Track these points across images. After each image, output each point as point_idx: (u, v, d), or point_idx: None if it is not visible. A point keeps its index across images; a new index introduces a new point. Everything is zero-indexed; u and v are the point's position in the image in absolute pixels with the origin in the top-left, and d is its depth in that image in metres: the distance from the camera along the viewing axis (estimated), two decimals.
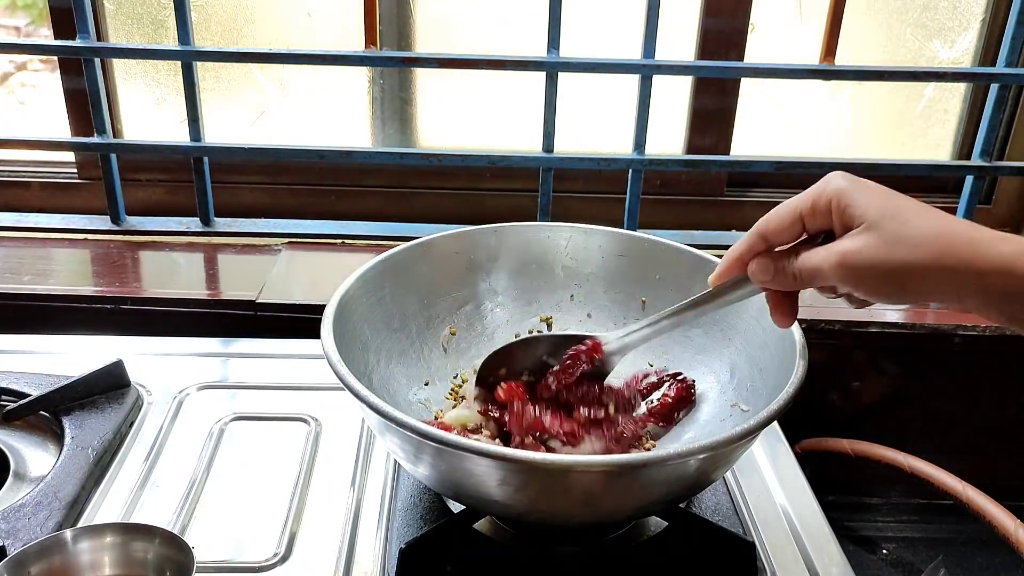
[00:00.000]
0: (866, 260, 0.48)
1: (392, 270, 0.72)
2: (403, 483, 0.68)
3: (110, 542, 0.55)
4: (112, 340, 0.88)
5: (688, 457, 0.51)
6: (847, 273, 0.48)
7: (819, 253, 0.50)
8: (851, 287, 0.49)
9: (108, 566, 0.55)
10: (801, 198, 0.54)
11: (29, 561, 0.53)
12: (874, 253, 0.47)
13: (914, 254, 0.46)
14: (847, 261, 0.48)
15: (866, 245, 0.48)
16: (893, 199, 0.49)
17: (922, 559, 0.93)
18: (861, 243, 0.48)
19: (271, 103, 1.12)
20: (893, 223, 0.47)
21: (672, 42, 1.06)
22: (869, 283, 0.48)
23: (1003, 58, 1.00)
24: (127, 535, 0.56)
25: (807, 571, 0.63)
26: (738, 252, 0.56)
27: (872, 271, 0.48)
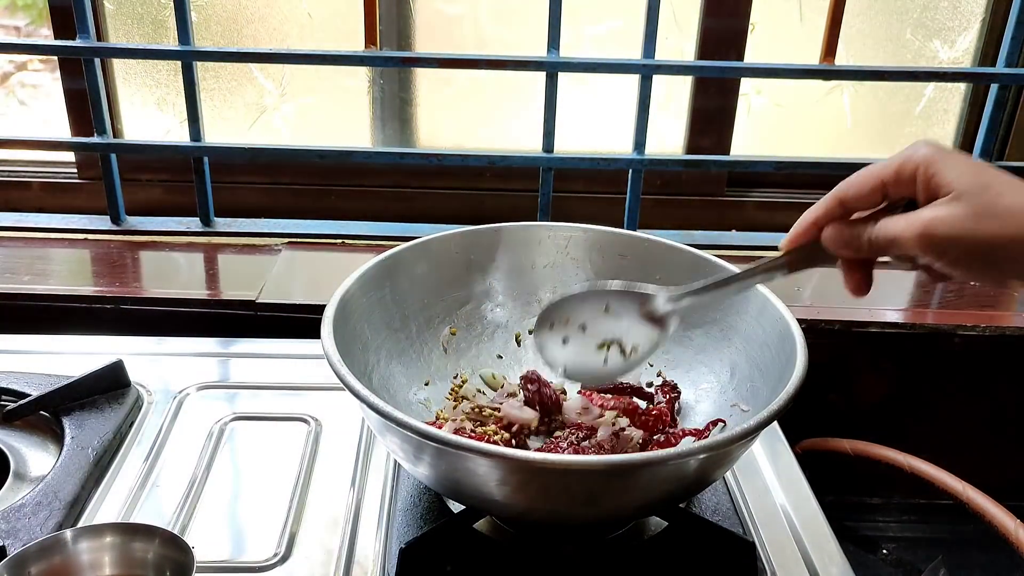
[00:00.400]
0: (953, 231, 0.45)
1: (392, 270, 0.72)
2: (403, 483, 0.68)
3: (110, 542, 0.55)
4: (112, 340, 0.88)
5: (688, 457, 0.51)
6: (930, 243, 0.46)
7: (900, 221, 0.48)
8: (933, 258, 0.47)
9: (108, 566, 0.55)
10: (885, 164, 0.51)
11: (29, 561, 0.53)
12: (962, 224, 0.45)
13: (1006, 228, 0.45)
14: (931, 230, 0.46)
15: (954, 215, 0.45)
16: (985, 171, 0.47)
17: (922, 559, 0.93)
18: (948, 213, 0.46)
19: (271, 103, 1.12)
20: (985, 195, 0.45)
21: (672, 42, 1.06)
22: (953, 255, 0.46)
23: (1003, 58, 1.00)
24: (127, 535, 0.55)
25: (807, 571, 0.63)
26: (813, 216, 0.54)
27: (958, 243, 0.46)
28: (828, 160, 1.05)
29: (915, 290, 1.05)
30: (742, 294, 0.64)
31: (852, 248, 0.51)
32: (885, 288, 1.05)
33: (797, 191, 1.15)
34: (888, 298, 1.01)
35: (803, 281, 1.04)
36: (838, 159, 1.06)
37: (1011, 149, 1.13)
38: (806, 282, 1.04)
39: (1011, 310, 1.00)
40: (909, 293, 1.04)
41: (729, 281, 0.59)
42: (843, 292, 0.54)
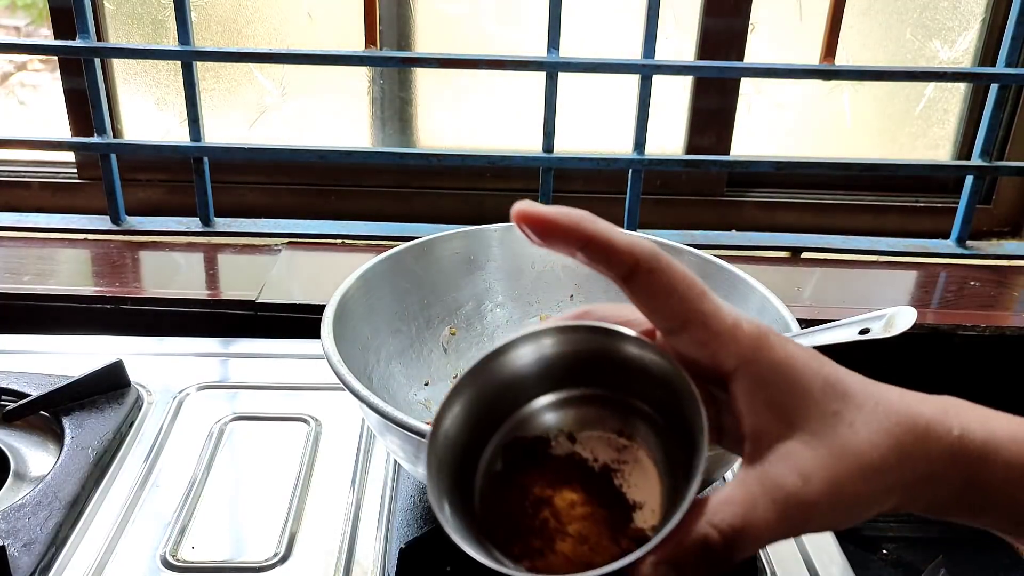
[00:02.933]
0: (823, 494, 0.35)
1: (392, 270, 0.72)
2: (403, 483, 0.68)
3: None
4: (112, 340, 0.88)
5: None
6: (797, 520, 0.35)
7: (734, 504, 0.35)
8: (791, 534, 0.36)
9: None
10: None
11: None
12: (832, 484, 0.35)
13: (872, 486, 0.36)
14: (798, 499, 0.35)
15: (818, 468, 0.35)
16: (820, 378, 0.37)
17: (922, 559, 0.93)
18: (809, 466, 0.35)
19: (271, 103, 1.12)
20: (840, 430, 0.36)
21: (672, 42, 1.06)
22: (819, 525, 0.36)
23: (1003, 58, 1.00)
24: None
25: (807, 571, 0.63)
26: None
27: (831, 507, 0.35)
28: (828, 160, 1.05)
29: (915, 290, 1.05)
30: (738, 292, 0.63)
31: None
32: (884, 288, 1.05)
33: (797, 191, 1.16)
34: (887, 298, 1.01)
35: (803, 281, 1.04)
36: (838, 159, 1.06)
37: (1011, 149, 1.13)
38: (806, 282, 1.04)
39: (1011, 310, 1.00)
40: (909, 293, 1.04)
41: None
42: (843, 292, 0.54)
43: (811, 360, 0.37)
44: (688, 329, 0.35)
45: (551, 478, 0.40)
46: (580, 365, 0.40)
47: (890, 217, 1.16)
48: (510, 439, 0.41)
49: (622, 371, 0.40)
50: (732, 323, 0.35)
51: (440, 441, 0.39)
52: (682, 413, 0.37)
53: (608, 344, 0.39)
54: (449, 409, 0.40)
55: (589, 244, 0.35)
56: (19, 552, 0.60)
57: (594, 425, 0.41)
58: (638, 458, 0.40)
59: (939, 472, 0.36)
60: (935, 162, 1.12)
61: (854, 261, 1.09)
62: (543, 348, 0.40)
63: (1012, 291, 1.04)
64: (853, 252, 1.09)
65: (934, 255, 1.09)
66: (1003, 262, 1.10)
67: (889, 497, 0.36)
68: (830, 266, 1.09)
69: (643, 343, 0.38)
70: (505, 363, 0.40)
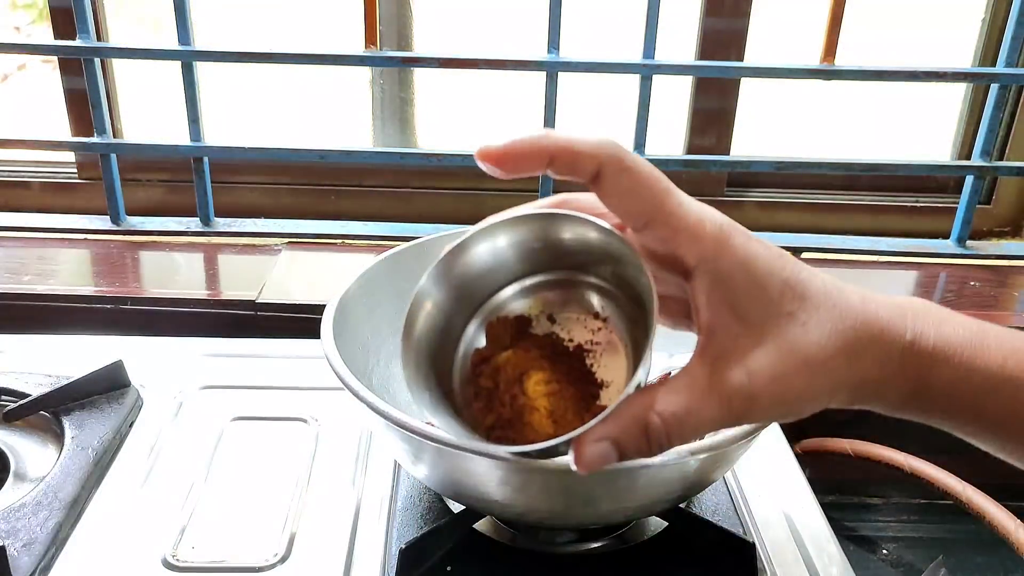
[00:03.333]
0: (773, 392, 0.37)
1: (392, 270, 0.72)
2: (403, 483, 0.68)
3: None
4: (112, 340, 0.88)
5: (688, 457, 0.51)
6: (744, 409, 0.38)
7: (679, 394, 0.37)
8: (734, 423, 0.39)
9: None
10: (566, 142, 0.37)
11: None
12: (782, 381, 0.37)
13: (817, 382, 0.38)
14: (748, 393, 0.37)
15: (771, 367, 0.37)
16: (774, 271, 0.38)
17: (922, 559, 0.93)
18: (762, 365, 0.37)
19: (271, 103, 1.12)
20: (791, 328, 0.37)
21: (672, 42, 1.06)
22: (762, 415, 0.39)
23: (1003, 58, 1.00)
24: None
25: (807, 571, 0.63)
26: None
27: (777, 404, 0.38)
28: (828, 160, 1.05)
29: (915, 290, 1.05)
30: None
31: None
32: (884, 288, 1.05)
33: (797, 191, 1.16)
34: None
35: None
36: (838, 159, 1.06)
37: (1011, 149, 1.13)
38: None
39: (1011, 310, 1.00)
40: (909, 293, 1.04)
41: None
42: None
43: (773, 260, 0.38)
44: (652, 227, 0.37)
45: (527, 356, 0.43)
46: (555, 250, 0.42)
47: (890, 217, 1.16)
48: (493, 318, 0.44)
49: (594, 257, 0.42)
50: (695, 221, 0.37)
51: (417, 329, 0.42)
52: (642, 302, 0.39)
53: (579, 231, 0.41)
54: (422, 302, 0.42)
55: (555, 159, 0.36)
56: (19, 552, 0.60)
57: (572, 307, 0.44)
58: (611, 340, 0.43)
59: (888, 375, 0.38)
60: (935, 162, 1.12)
61: (854, 261, 1.09)
62: (519, 235, 0.42)
63: (1012, 291, 1.04)
64: (853, 252, 1.09)
65: (934, 255, 1.09)
66: (1003, 262, 1.10)
67: (835, 395, 0.39)
68: (830, 266, 1.09)
69: (606, 229, 0.39)
70: (481, 250, 0.42)
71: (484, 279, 0.43)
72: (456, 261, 0.42)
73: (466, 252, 0.42)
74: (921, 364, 0.39)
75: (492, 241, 0.42)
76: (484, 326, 0.44)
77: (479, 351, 0.45)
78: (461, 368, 0.45)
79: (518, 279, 0.44)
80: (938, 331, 0.39)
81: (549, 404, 0.42)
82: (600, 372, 0.43)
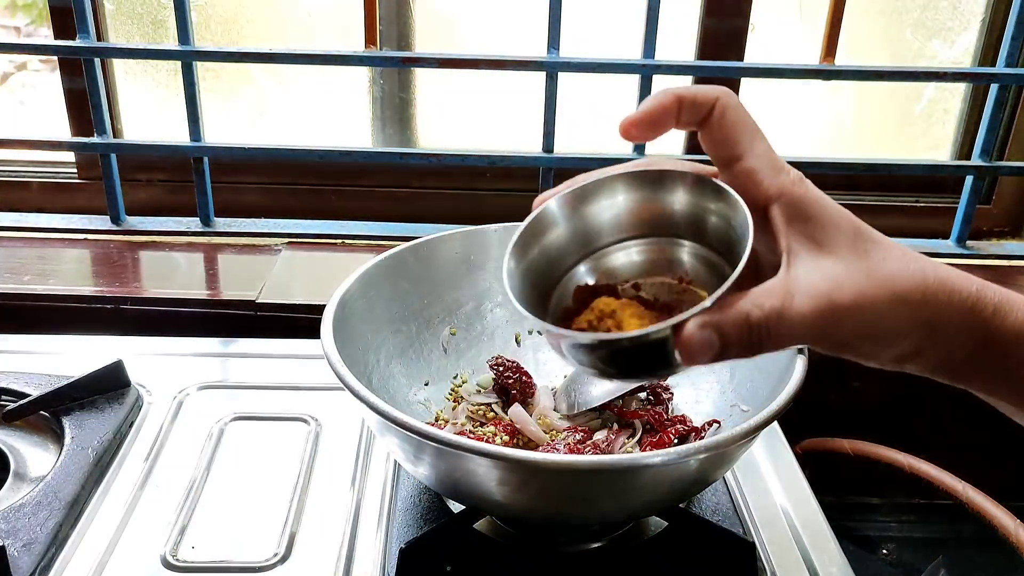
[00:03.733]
0: (857, 302, 0.39)
1: (392, 270, 0.72)
2: (403, 483, 0.68)
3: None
4: (112, 340, 0.88)
5: (688, 457, 0.51)
6: (832, 320, 0.39)
7: (774, 296, 0.39)
8: (822, 340, 0.40)
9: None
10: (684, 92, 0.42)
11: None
12: (865, 295, 0.39)
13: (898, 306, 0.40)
14: (836, 302, 0.39)
15: (854, 282, 0.39)
16: (852, 220, 0.42)
17: (922, 559, 0.93)
18: (846, 278, 0.39)
19: (271, 103, 1.12)
20: (870, 261, 0.40)
21: (672, 42, 1.06)
22: (847, 335, 0.40)
23: (1003, 58, 1.00)
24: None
25: (807, 571, 0.63)
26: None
27: (858, 318, 0.39)
28: (828, 160, 1.05)
29: None
30: None
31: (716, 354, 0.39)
32: None
33: None
34: None
35: None
36: (838, 159, 1.06)
37: (1011, 149, 1.13)
38: None
39: None
40: None
41: None
42: None
43: (846, 212, 0.41)
44: (744, 159, 0.42)
45: (623, 302, 0.46)
46: (647, 212, 0.46)
47: (890, 217, 1.16)
48: (583, 285, 0.47)
49: (684, 216, 0.45)
50: (781, 164, 0.42)
51: (530, 251, 0.46)
52: (733, 240, 0.41)
53: (671, 188, 0.45)
54: (547, 226, 0.47)
55: (683, 104, 0.42)
56: (19, 552, 0.60)
57: (658, 271, 0.47)
58: (695, 300, 0.44)
59: (958, 318, 0.40)
60: (935, 162, 1.12)
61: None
62: (616, 194, 0.47)
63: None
64: None
65: (934, 255, 1.09)
66: (1003, 262, 1.10)
67: (912, 330, 0.40)
68: None
69: (700, 177, 0.44)
70: (601, 203, 0.47)
71: (601, 228, 0.47)
72: (582, 205, 0.47)
73: (592, 198, 0.47)
74: (986, 313, 0.41)
75: (613, 197, 0.47)
76: (590, 274, 0.48)
77: (585, 286, 0.47)
78: (559, 298, 0.47)
79: (625, 239, 0.48)
80: (1000, 291, 0.42)
81: (639, 326, 0.43)
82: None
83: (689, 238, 0.46)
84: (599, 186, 0.46)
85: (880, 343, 0.40)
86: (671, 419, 0.70)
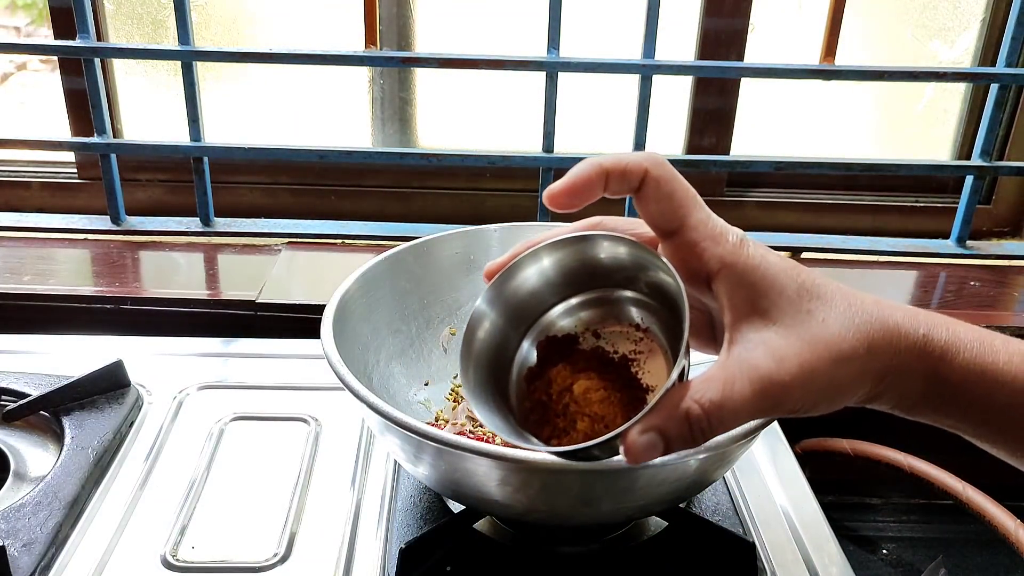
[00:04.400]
0: (800, 378, 0.39)
1: (392, 270, 0.72)
2: (403, 483, 0.68)
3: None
4: (112, 340, 0.88)
5: (688, 457, 0.51)
6: (775, 401, 0.39)
7: (714, 383, 0.39)
8: (766, 415, 0.41)
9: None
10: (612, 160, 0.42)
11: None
12: (808, 369, 0.39)
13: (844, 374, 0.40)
14: (776, 381, 0.39)
15: (796, 356, 0.39)
16: (797, 277, 0.41)
17: (922, 559, 0.93)
18: (787, 353, 0.39)
19: (271, 103, 1.12)
20: (811, 323, 0.40)
21: (672, 42, 1.06)
22: (793, 407, 0.40)
23: (1003, 58, 1.00)
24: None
25: (807, 571, 0.63)
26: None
27: (806, 392, 0.40)
28: (828, 160, 1.05)
29: (914, 290, 1.05)
30: None
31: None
32: (884, 288, 1.05)
33: (797, 191, 1.16)
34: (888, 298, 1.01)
35: None
36: (838, 159, 1.06)
37: (1011, 149, 1.13)
38: None
39: (1011, 310, 1.00)
40: (908, 293, 1.04)
41: None
42: None
43: (789, 268, 0.41)
44: (682, 232, 0.41)
45: (575, 368, 0.47)
46: (595, 269, 0.46)
47: (890, 217, 1.16)
48: (543, 338, 0.48)
49: (629, 271, 0.46)
50: (720, 231, 0.41)
51: (474, 351, 0.46)
52: (676, 307, 0.42)
53: (614, 247, 0.45)
54: (479, 323, 0.46)
55: (610, 177, 0.41)
56: (19, 552, 0.60)
57: (614, 321, 0.48)
58: (652, 348, 0.46)
59: (906, 365, 0.41)
60: (935, 162, 1.12)
61: (854, 261, 1.09)
62: (562, 257, 0.47)
63: (1012, 291, 1.04)
64: (853, 252, 1.09)
65: (934, 255, 1.10)
66: (1003, 262, 1.10)
67: (860, 385, 0.41)
68: (830, 266, 1.09)
69: (637, 244, 0.44)
70: (530, 273, 0.47)
71: (534, 299, 0.48)
72: (507, 283, 0.47)
73: (516, 275, 0.47)
74: (934, 356, 0.41)
75: (538, 264, 0.47)
76: (535, 345, 0.48)
77: (531, 368, 0.48)
78: (517, 385, 0.48)
79: (564, 299, 0.48)
80: (948, 330, 0.42)
81: (599, 410, 0.45)
82: (645, 378, 0.46)
83: (625, 287, 0.47)
84: (521, 262, 0.47)
85: (831, 402, 0.41)
86: None
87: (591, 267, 0.46)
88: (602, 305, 0.48)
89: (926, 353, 0.41)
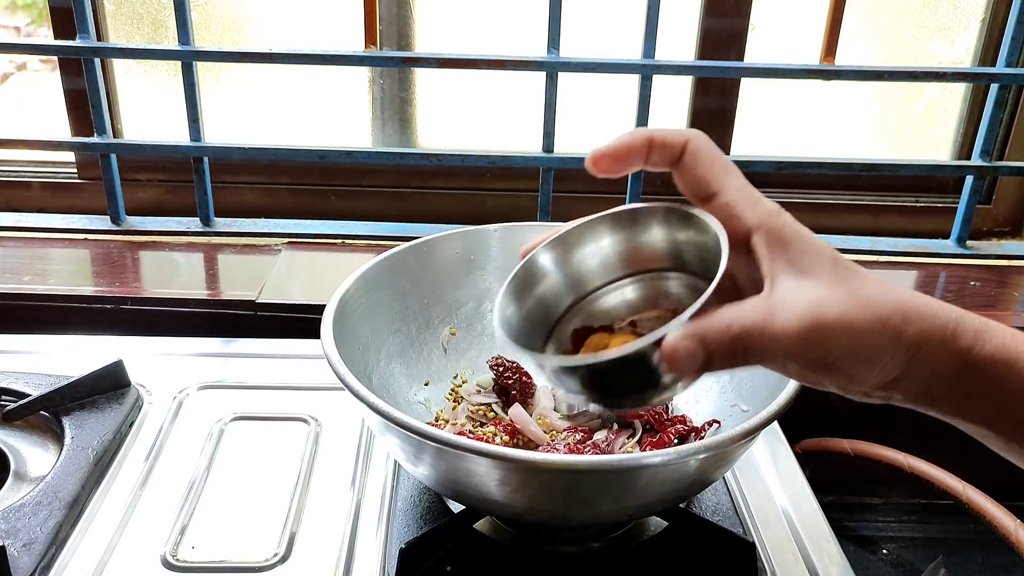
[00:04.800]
0: (842, 320, 0.39)
1: (392, 270, 0.72)
2: (403, 483, 0.68)
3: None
4: (112, 340, 0.88)
5: (688, 457, 0.51)
6: (816, 338, 0.39)
7: (757, 310, 0.39)
8: (802, 361, 0.40)
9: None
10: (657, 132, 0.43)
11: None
12: (851, 313, 0.39)
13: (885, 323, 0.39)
14: (822, 318, 0.38)
15: (839, 300, 0.39)
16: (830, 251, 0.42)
17: (922, 559, 0.93)
18: (831, 296, 0.39)
19: (271, 103, 1.12)
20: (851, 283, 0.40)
21: (672, 42, 1.06)
22: (831, 354, 0.39)
23: (1003, 58, 1.00)
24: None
25: (807, 571, 0.63)
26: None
27: (846, 335, 0.39)
28: (828, 160, 1.05)
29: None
30: None
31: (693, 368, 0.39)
32: None
33: (797, 191, 1.15)
34: None
35: None
36: (838, 159, 1.06)
37: (1011, 149, 1.13)
38: None
39: (1011, 310, 1.00)
40: None
41: None
42: None
43: (823, 241, 0.42)
44: (721, 194, 0.42)
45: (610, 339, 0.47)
46: (630, 251, 0.47)
47: (890, 217, 1.16)
48: (579, 327, 0.48)
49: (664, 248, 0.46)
50: (757, 196, 0.43)
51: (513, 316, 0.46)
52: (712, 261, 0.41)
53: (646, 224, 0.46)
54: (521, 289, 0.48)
55: (653, 146, 0.42)
56: (19, 552, 0.60)
57: (651, 306, 0.48)
58: None
59: (937, 347, 0.40)
60: (935, 162, 1.12)
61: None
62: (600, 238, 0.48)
63: (1012, 291, 1.04)
64: (853, 252, 1.09)
65: (934, 255, 1.09)
66: (1003, 262, 1.10)
67: (894, 353, 0.40)
68: None
69: (669, 207, 0.45)
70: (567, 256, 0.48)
71: (589, 272, 0.48)
72: (568, 249, 0.48)
73: (575, 243, 0.48)
74: (967, 338, 0.41)
75: (596, 238, 0.48)
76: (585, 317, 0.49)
77: (582, 328, 0.48)
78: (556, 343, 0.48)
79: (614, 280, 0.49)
80: (978, 318, 0.42)
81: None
82: None
83: (674, 269, 0.47)
84: (582, 231, 0.47)
85: (865, 363, 0.40)
86: (671, 419, 0.70)
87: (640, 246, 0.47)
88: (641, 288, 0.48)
89: (958, 335, 0.40)
